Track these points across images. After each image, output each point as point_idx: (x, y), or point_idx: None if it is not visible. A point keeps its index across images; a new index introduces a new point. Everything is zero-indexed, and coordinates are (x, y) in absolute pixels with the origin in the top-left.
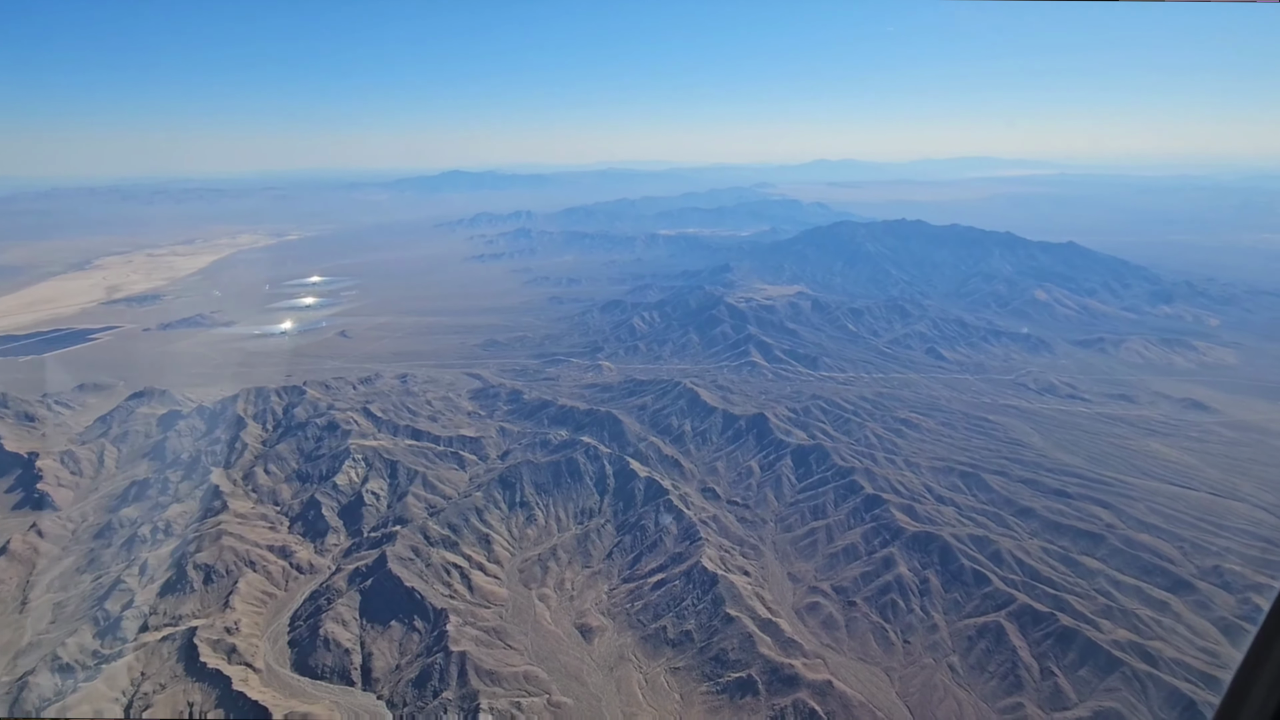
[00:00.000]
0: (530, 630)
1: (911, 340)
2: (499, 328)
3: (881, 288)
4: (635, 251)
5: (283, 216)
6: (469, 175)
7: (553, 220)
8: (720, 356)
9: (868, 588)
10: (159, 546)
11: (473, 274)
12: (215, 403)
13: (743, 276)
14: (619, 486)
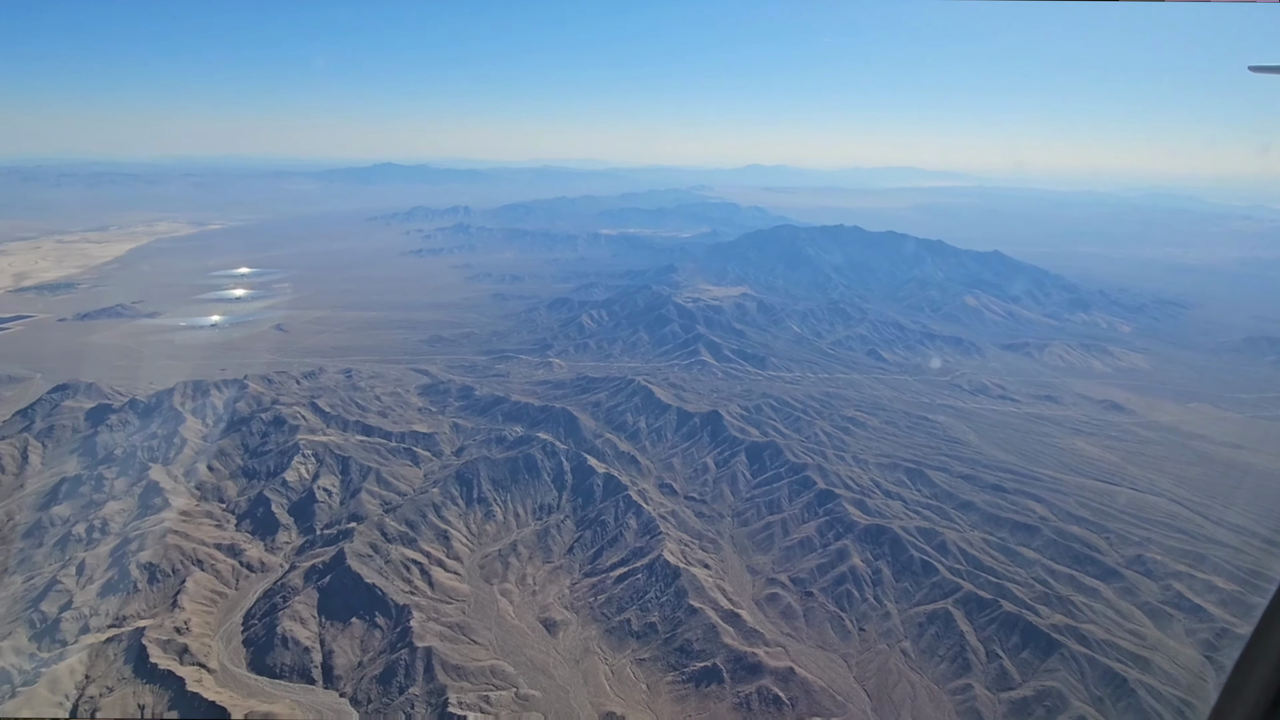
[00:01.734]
0: (494, 625)
1: (853, 342)
2: (444, 324)
3: (823, 291)
4: (578, 250)
5: (203, 204)
6: (401, 168)
7: (491, 216)
8: (670, 355)
9: (824, 578)
10: (96, 546)
11: (412, 269)
12: (149, 396)
13: (688, 277)
14: (577, 483)
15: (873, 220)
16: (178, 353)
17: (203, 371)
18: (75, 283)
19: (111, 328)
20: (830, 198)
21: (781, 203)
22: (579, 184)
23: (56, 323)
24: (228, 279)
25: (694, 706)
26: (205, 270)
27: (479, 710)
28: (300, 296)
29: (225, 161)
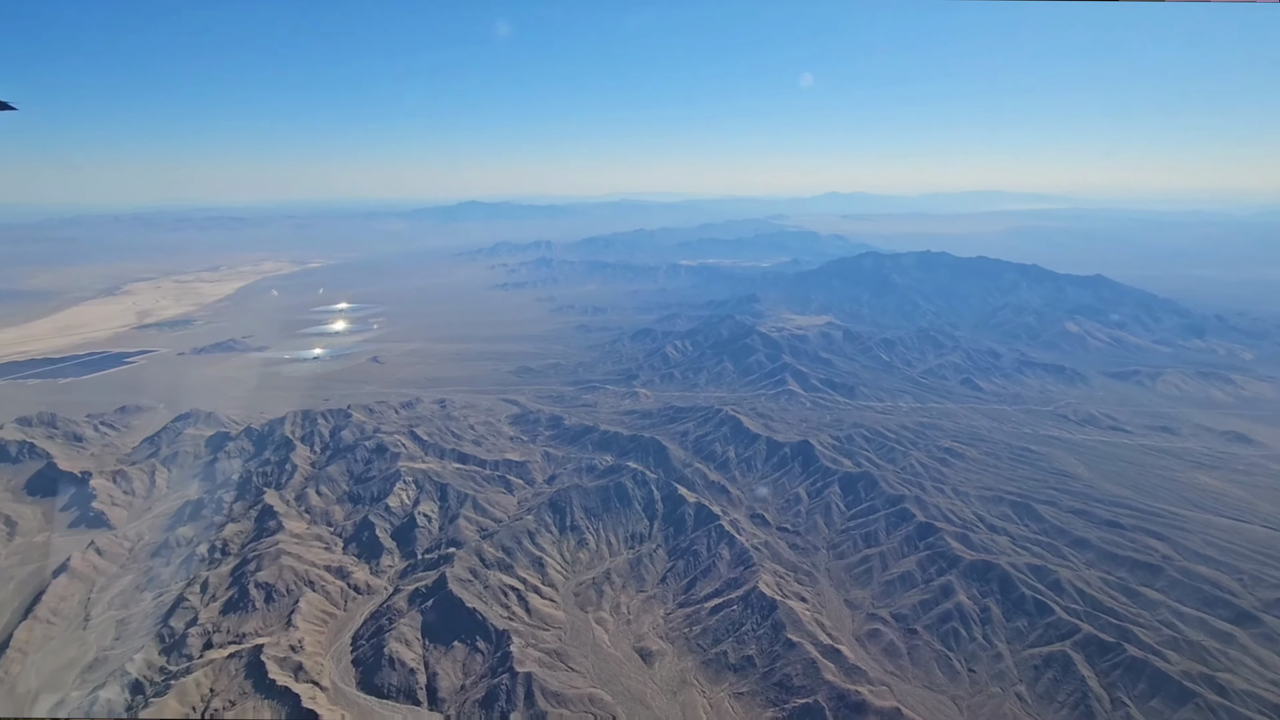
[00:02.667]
0: (590, 653)
1: (946, 371)
2: (530, 355)
3: (910, 319)
4: (658, 281)
5: (303, 244)
6: (485, 206)
7: (572, 250)
8: (756, 385)
9: (927, 615)
10: (217, 565)
11: (497, 302)
12: (262, 425)
13: (770, 306)
14: (668, 512)
15: (960, 245)
16: (285, 384)
17: (308, 401)
18: (191, 319)
19: (225, 361)
20: (913, 224)
21: (862, 230)
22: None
23: (176, 356)
24: (327, 314)
25: None
26: (307, 306)
27: None
28: (394, 330)
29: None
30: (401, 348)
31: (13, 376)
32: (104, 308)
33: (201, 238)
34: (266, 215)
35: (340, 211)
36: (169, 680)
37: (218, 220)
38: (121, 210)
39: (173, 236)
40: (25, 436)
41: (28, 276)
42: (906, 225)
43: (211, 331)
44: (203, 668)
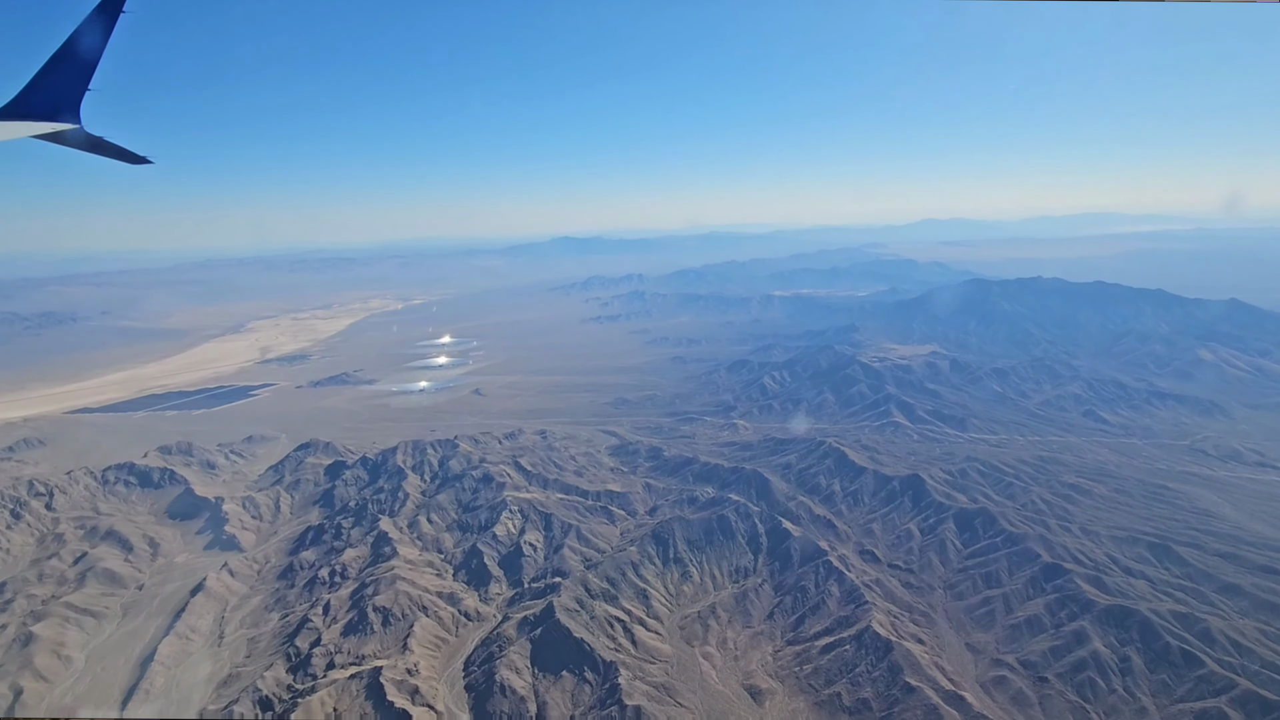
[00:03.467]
0: (698, 689)
1: (1065, 402)
2: (627, 386)
3: (1023, 348)
4: (751, 312)
5: (407, 282)
6: (576, 241)
7: (664, 283)
8: (859, 416)
9: (1059, 663)
10: (338, 589)
11: (592, 335)
12: (375, 454)
13: (870, 336)
14: (772, 545)
15: (1072, 271)
16: (394, 415)
17: (416, 432)
18: (308, 354)
19: (339, 393)
20: (1018, 249)
21: (963, 257)
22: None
23: (294, 389)
24: (431, 348)
25: None
26: (412, 340)
27: None
28: (494, 363)
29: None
30: (501, 380)
31: (154, 409)
32: (230, 344)
33: (316, 278)
34: (373, 255)
35: (441, 250)
36: (296, 698)
37: (330, 261)
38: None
39: (290, 277)
40: (166, 464)
41: (165, 316)
42: (1009, 250)
43: (326, 366)
44: (326, 687)
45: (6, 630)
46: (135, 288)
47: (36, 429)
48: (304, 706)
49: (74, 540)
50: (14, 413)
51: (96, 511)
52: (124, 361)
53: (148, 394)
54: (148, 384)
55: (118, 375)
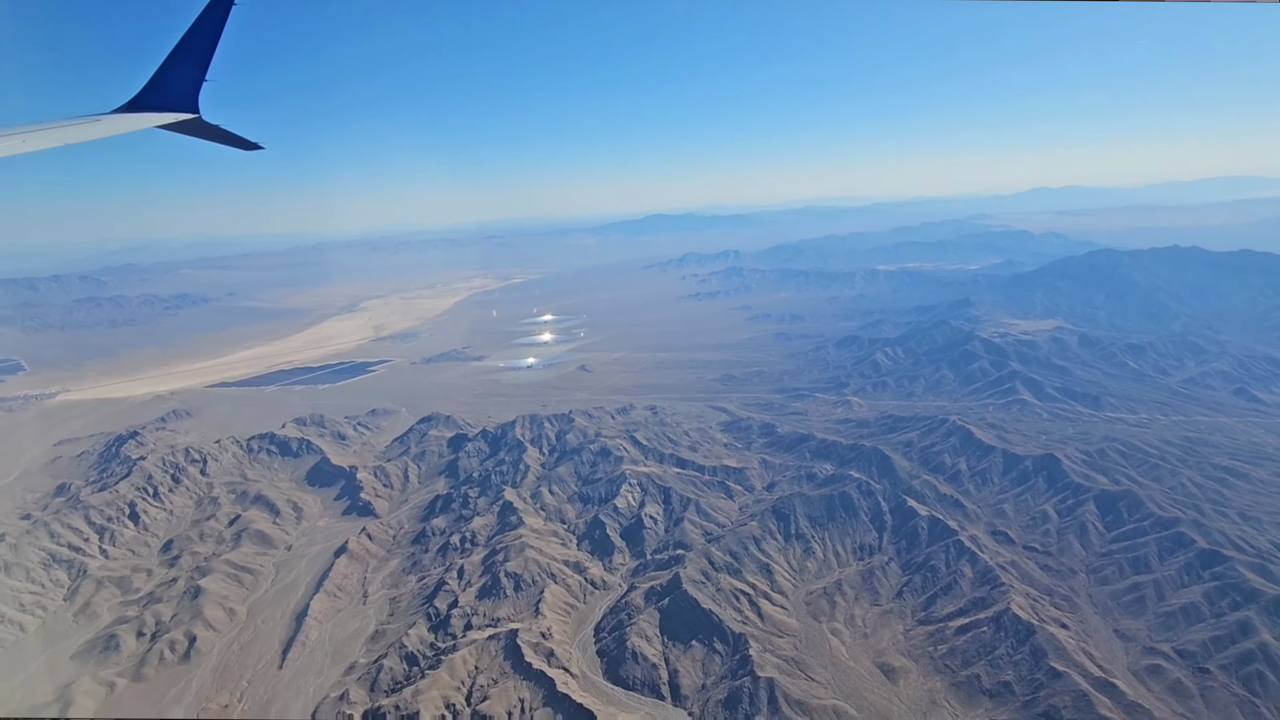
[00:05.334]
0: (829, 664)
1: (1212, 379)
2: (732, 363)
3: (1159, 322)
4: (855, 288)
5: (505, 261)
6: (669, 218)
7: (762, 258)
8: (981, 394)
9: (1221, 654)
10: (470, 554)
11: (691, 312)
12: (495, 428)
13: (986, 311)
14: (897, 524)
15: (1210, 239)
16: (505, 390)
17: (528, 407)
18: (418, 332)
19: (450, 369)
20: (1143, 217)
21: (1082, 226)
22: (844, 222)
23: (409, 365)
24: (534, 325)
25: None
26: (515, 319)
27: None
28: (597, 340)
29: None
30: (606, 356)
31: (283, 383)
32: (346, 323)
33: (419, 258)
34: (471, 236)
35: (536, 230)
36: (439, 656)
37: (431, 242)
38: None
39: (395, 258)
40: (302, 434)
41: (284, 297)
42: (1134, 219)
43: (436, 343)
44: (466, 646)
45: (177, 583)
46: (256, 270)
47: (183, 401)
48: (447, 664)
49: (227, 503)
50: (162, 386)
51: (244, 477)
52: (252, 340)
53: (276, 370)
54: (275, 361)
55: (248, 353)
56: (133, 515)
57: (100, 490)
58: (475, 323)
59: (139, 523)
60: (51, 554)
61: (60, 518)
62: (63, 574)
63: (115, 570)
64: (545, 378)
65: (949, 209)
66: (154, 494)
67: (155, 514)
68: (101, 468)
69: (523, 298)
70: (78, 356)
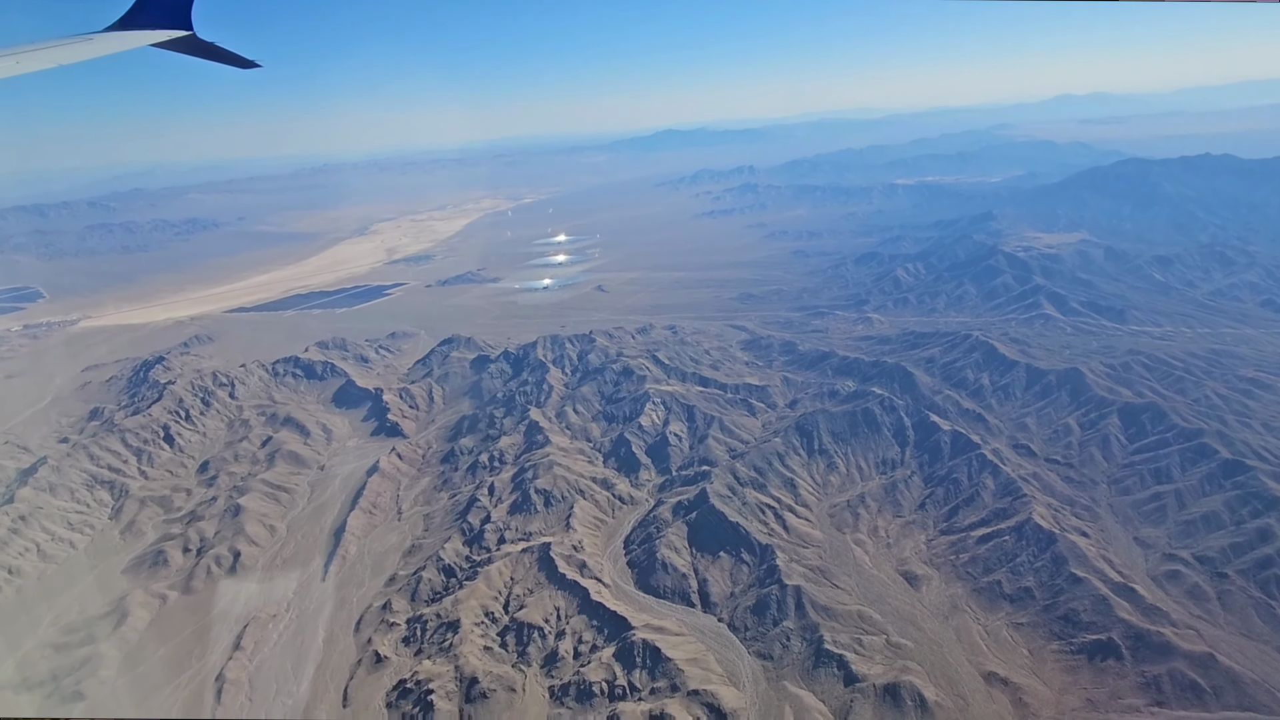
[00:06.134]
0: (853, 573)
1: (1239, 291)
2: (749, 281)
3: (1187, 233)
4: (873, 203)
5: (515, 181)
6: (681, 134)
7: (776, 174)
8: (1004, 309)
9: (1240, 560)
10: (499, 472)
11: (706, 230)
12: (516, 349)
13: (1009, 225)
14: (920, 439)
15: (1244, 147)
16: (522, 312)
17: (548, 328)
18: (431, 255)
19: (465, 292)
20: (1172, 125)
21: (1109, 135)
22: (861, 134)
23: (425, 288)
24: (548, 246)
25: (1088, 679)
26: (528, 239)
27: (854, 651)
28: (612, 260)
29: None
30: (622, 277)
31: (300, 308)
32: (358, 246)
33: (428, 179)
34: (480, 155)
35: (544, 148)
36: (475, 568)
37: (439, 163)
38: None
39: (403, 179)
40: (325, 358)
41: (294, 221)
42: (1163, 127)
43: (450, 265)
44: (501, 559)
45: (217, 502)
46: (264, 193)
47: (203, 326)
48: (483, 575)
49: (258, 425)
50: (181, 312)
51: (272, 400)
52: (266, 264)
53: (292, 294)
54: (290, 285)
55: (263, 277)
56: (167, 438)
57: (134, 414)
58: (488, 244)
59: (174, 445)
60: (93, 475)
61: (98, 441)
62: (105, 494)
63: (155, 490)
64: (562, 299)
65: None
66: (185, 417)
67: (189, 436)
68: (131, 392)
69: (535, 218)
70: (95, 283)
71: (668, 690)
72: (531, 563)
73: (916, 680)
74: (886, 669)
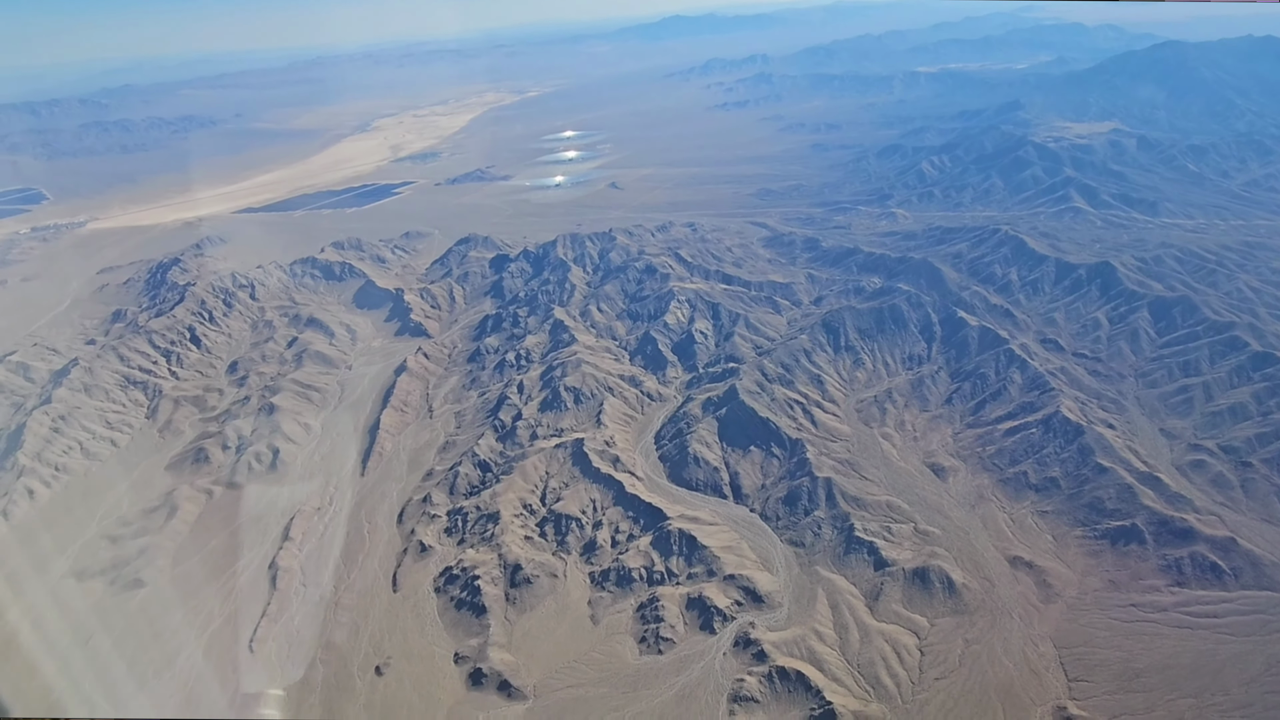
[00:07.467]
0: (881, 465)
1: (1276, 181)
2: (768, 176)
3: (1224, 121)
4: (894, 92)
5: (517, 73)
6: (688, 20)
7: (792, 63)
8: (1033, 202)
9: (1265, 449)
10: (527, 370)
11: (720, 123)
12: (535, 248)
13: (1038, 114)
14: (947, 335)
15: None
16: (536, 210)
17: (564, 226)
18: (437, 152)
19: (477, 190)
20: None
21: (1142, 18)
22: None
23: (434, 186)
24: (557, 142)
25: (1111, 563)
26: (536, 135)
27: (883, 538)
28: (624, 155)
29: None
30: (636, 174)
31: (309, 208)
32: (361, 144)
33: (425, 72)
34: (478, 46)
35: (545, 38)
36: (510, 463)
37: (436, 54)
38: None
39: (400, 72)
40: (342, 258)
41: (293, 117)
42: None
43: (458, 163)
44: (535, 454)
45: (250, 401)
46: (257, 89)
47: (214, 227)
48: (519, 469)
49: (282, 326)
50: (189, 213)
51: (293, 301)
52: (269, 163)
53: (300, 194)
54: (296, 185)
55: (267, 177)
56: (194, 339)
57: (157, 316)
58: (495, 140)
59: (200, 346)
60: (125, 376)
61: (125, 342)
62: (139, 394)
63: (188, 390)
64: (575, 196)
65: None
66: (209, 318)
67: (215, 337)
68: (151, 294)
69: (540, 112)
70: (98, 184)
71: (704, 575)
72: (565, 458)
73: (944, 564)
74: (915, 554)
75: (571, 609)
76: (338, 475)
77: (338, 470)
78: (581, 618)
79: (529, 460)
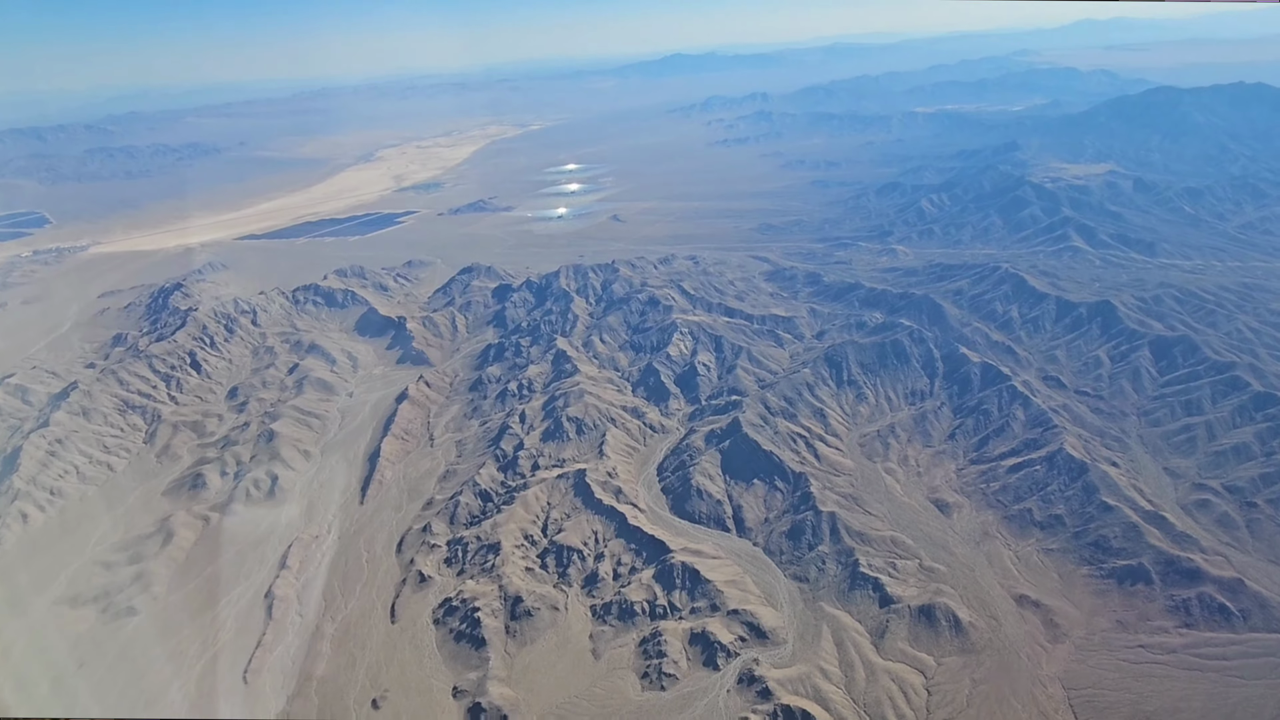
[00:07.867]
0: (885, 500)
1: (1271, 224)
2: (769, 212)
3: (1218, 165)
4: (892, 132)
5: (520, 107)
6: (690, 58)
7: (791, 101)
8: (1032, 241)
9: (1269, 489)
10: (529, 400)
11: (721, 159)
12: (538, 277)
13: (1034, 155)
14: (949, 370)
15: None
16: (538, 241)
17: (565, 258)
18: (440, 182)
19: (479, 220)
20: (1199, 52)
21: (1134, 63)
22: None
23: (437, 216)
24: (560, 175)
25: (1118, 603)
26: (538, 167)
27: (888, 574)
28: (626, 189)
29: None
30: (638, 206)
31: (312, 235)
32: (364, 173)
33: (429, 104)
34: (481, 80)
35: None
36: (511, 493)
37: (440, 87)
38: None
39: (404, 104)
40: (344, 285)
41: (297, 146)
42: (1190, 54)
43: (461, 193)
44: (537, 485)
45: (250, 427)
46: (262, 118)
47: (216, 254)
48: (520, 500)
49: (283, 353)
50: (191, 239)
51: (295, 328)
52: (272, 191)
53: (302, 221)
54: (299, 213)
55: (270, 204)
56: (194, 364)
57: (158, 340)
58: (498, 172)
59: (201, 371)
60: (124, 400)
61: (125, 366)
62: (138, 419)
63: (187, 415)
64: (578, 228)
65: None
66: (210, 343)
67: (215, 362)
68: (152, 318)
69: (543, 145)
70: (100, 209)
71: (708, 610)
72: (567, 488)
73: (950, 602)
74: (921, 591)
75: (573, 642)
76: (336, 503)
77: (337, 498)
78: (583, 652)
79: (530, 490)
